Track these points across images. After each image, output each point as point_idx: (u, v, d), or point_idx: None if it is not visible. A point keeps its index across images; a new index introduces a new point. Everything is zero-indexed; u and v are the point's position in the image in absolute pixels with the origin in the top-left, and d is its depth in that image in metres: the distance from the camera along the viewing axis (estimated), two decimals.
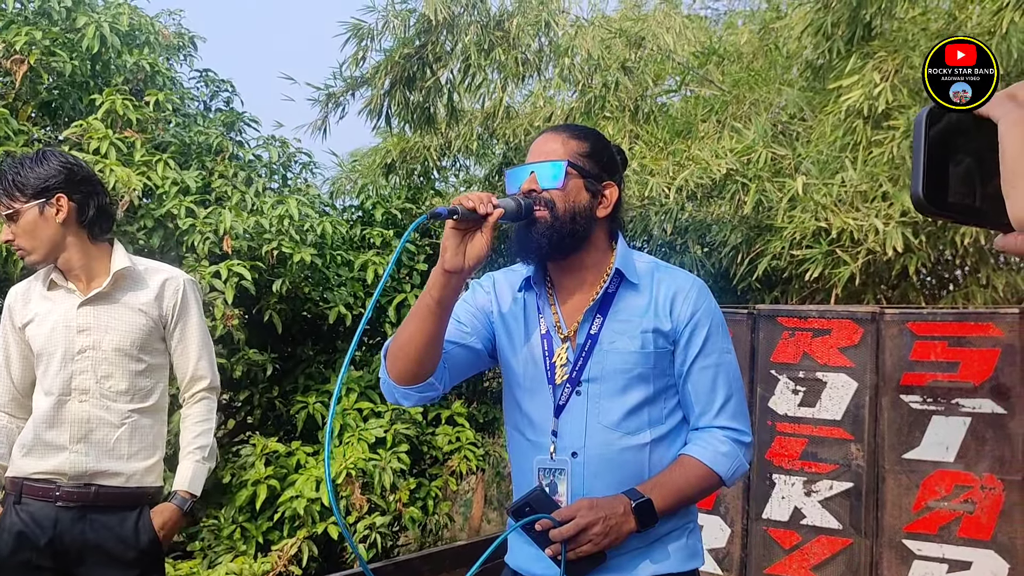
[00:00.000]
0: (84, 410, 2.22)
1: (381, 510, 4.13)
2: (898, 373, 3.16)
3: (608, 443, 1.61)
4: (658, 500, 1.57)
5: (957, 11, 4.22)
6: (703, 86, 5.76)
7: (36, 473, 2.22)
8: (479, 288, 1.77)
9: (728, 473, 1.63)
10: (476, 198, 1.50)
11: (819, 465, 3.26)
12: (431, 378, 1.61)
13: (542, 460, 1.64)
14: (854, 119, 3.99)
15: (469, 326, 1.71)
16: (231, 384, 4.36)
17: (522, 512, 1.57)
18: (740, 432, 1.65)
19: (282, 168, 5.25)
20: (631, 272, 1.66)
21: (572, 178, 1.62)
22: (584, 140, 1.66)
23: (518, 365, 1.69)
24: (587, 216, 1.63)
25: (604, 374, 1.61)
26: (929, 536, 3.10)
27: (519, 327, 1.70)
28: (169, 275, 2.36)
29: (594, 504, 1.55)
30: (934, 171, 0.68)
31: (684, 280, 1.68)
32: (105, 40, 4.59)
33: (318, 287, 4.69)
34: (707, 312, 1.65)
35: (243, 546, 3.95)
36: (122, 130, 4.35)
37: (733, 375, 1.68)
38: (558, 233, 1.60)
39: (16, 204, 2.19)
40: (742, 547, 3.39)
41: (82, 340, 2.23)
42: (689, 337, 1.63)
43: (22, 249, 2.23)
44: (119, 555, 2.22)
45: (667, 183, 4.41)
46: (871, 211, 3.76)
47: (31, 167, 2.20)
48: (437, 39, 5.24)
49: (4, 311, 2.33)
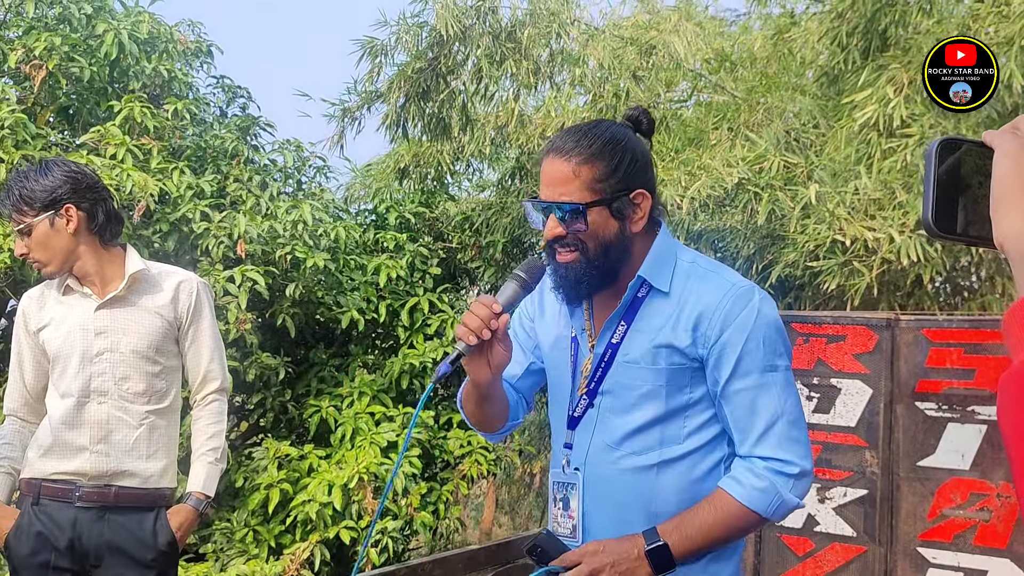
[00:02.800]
0: (103, 412, 2.24)
1: (393, 514, 4.14)
2: (913, 380, 3.15)
3: (608, 462, 1.51)
4: (679, 542, 1.43)
5: (971, 21, 4.22)
6: (716, 93, 5.77)
7: (56, 474, 2.24)
8: (525, 303, 1.70)
9: (768, 511, 1.45)
10: (474, 326, 1.41)
11: (833, 472, 3.25)
12: (508, 420, 1.66)
13: (556, 473, 1.59)
14: (868, 131, 3.99)
15: (523, 352, 1.68)
16: (244, 387, 4.38)
17: (533, 551, 1.53)
18: (785, 463, 1.44)
19: (296, 172, 5.28)
20: (660, 277, 1.51)
21: (595, 213, 1.46)
22: (598, 160, 1.47)
23: (549, 368, 1.67)
24: (621, 242, 1.49)
25: (616, 388, 1.52)
26: (944, 544, 3.09)
27: (553, 329, 1.65)
28: (183, 278, 2.39)
29: (602, 549, 1.45)
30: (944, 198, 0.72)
31: (717, 292, 1.48)
32: (124, 47, 4.64)
33: (331, 291, 4.71)
34: (741, 328, 1.45)
35: (255, 549, 3.96)
36: (139, 137, 4.39)
37: (779, 396, 1.46)
38: (596, 270, 1.48)
39: (26, 218, 2.21)
40: (755, 553, 3.38)
41: (100, 343, 2.25)
42: (719, 358, 1.46)
43: (38, 262, 2.25)
44: (138, 556, 2.24)
45: (679, 195, 4.42)
46: (886, 220, 3.76)
47: (36, 179, 2.22)
48: (449, 51, 5.27)
49: (18, 316, 2.35)
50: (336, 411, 4.42)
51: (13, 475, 2.31)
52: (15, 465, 2.30)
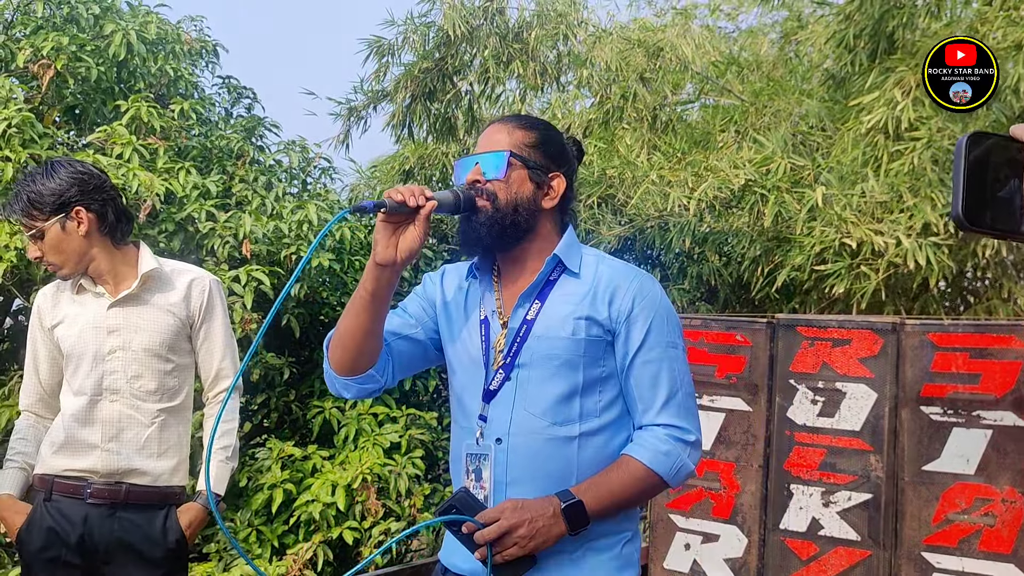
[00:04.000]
0: (115, 410, 2.26)
1: (396, 515, 4.13)
2: (918, 384, 3.14)
3: (533, 431, 1.56)
4: (591, 502, 1.51)
5: (979, 24, 4.20)
6: (722, 95, 5.76)
7: (68, 471, 2.26)
8: (429, 281, 1.77)
9: (670, 474, 1.56)
10: (407, 191, 1.48)
11: (837, 476, 3.24)
12: (371, 370, 1.62)
13: (469, 445, 1.62)
14: (875, 134, 3.97)
15: (415, 318, 1.72)
16: (248, 387, 4.38)
17: (447, 512, 1.54)
18: (683, 430, 1.57)
19: (301, 173, 5.29)
20: (573, 261, 1.63)
21: (515, 169, 1.59)
22: (531, 130, 1.63)
23: (454, 352, 1.69)
24: (531, 207, 1.60)
25: (535, 359, 1.58)
26: (949, 549, 3.07)
27: (460, 314, 1.69)
28: (196, 275, 2.40)
29: (519, 505, 1.50)
30: (974, 191, 0.72)
31: (627, 272, 1.62)
32: (131, 47, 4.65)
33: (336, 292, 4.72)
34: (650, 304, 1.59)
35: (259, 549, 3.96)
36: (145, 136, 4.40)
37: (679, 370, 1.60)
38: (499, 224, 1.58)
39: (37, 223, 2.21)
40: (759, 557, 3.37)
41: (112, 341, 2.27)
42: (628, 330, 1.57)
43: (52, 264, 2.26)
44: (148, 553, 2.26)
45: (686, 195, 4.41)
46: (893, 224, 3.74)
47: (43, 182, 2.22)
48: (456, 52, 5.27)
49: (33, 313, 2.37)
50: (339, 412, 4.42)
51: (27, 470, 2.33)
52: (29, 460, 2.33)
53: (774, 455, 3.35)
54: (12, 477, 2.31)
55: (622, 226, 4.95)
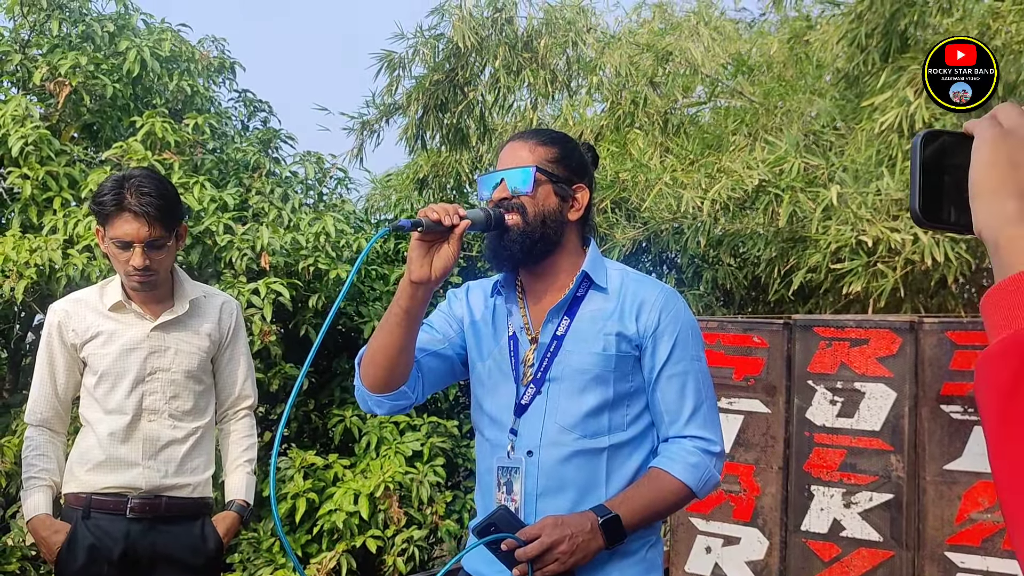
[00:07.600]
0: (153, 429, 2.31)
1: (418, 523, 4.15)
2: (938, 383, 3.13)
3: (563, 444, 1.59)
4: (626, 515, 1.54)
5: (991, 20, 4.18)
6: (733, 97, 5.76)
7: (107, 488, 2.28)
8: (454, 297, 1.80)
9: (698, 485, 1.60)
10: (441, 209, 1.51)
11: (858, 476, 3.23)
12: (403, 387, 1.64)
13: (501, 458, 1.65)
14: (889, 132, 3.96)
15: (442, 334, 1.75)
16: (268, 398, 4.41)
17: (487, 531, 1.55)
18: (709, 441, 1.62)
19: (318, 184, 5.33)
20: (600, 276, 1.67)
21: (541, 184, 1.63)
22: (552, 146, 1.67)
23: (484, 367, 1.71)
24: (558, 220, 1.64)
25: (564, 374, 1.61)
26: (972, 548, 3.05)
27: (488, 330, 1.72)
28: (224, 300, 2.48)
29: (560, 522, 1.52)
30: (929, 188, 0.74)
31: (652, 288, 1.67)
32: (146, 64, 4.70)
33: (353, 302, 4.75)
34: (675, 319, 1.64)
35: (282, 559, 3.98)
36: (161, 152, 4.44)
37: (703, 382, 1.65)
38: (530, 238, 1.61)
39: (165, 232, 2.20)
40: (780, 559, 3.36)
41: (154, 362, 2.31)
42: (655, 345, 1.62)
43: (154, 276, 2.23)
44: (190, 561, 2.33)
45: (700, 197, 4.41)
46: (909, 221, 3.73)
47: (174, 195, 2.24)
48: (467, 63, 5.30)
49: (50, 328, 2.33)
50: (360, 420, 4.44)
51: (53, 488, 2.34)
52: (54, 477, 2.34)
53: (793, 457, 3.34)
54: (44, 496, 2.29)
55: (636, 229, 4.96)
